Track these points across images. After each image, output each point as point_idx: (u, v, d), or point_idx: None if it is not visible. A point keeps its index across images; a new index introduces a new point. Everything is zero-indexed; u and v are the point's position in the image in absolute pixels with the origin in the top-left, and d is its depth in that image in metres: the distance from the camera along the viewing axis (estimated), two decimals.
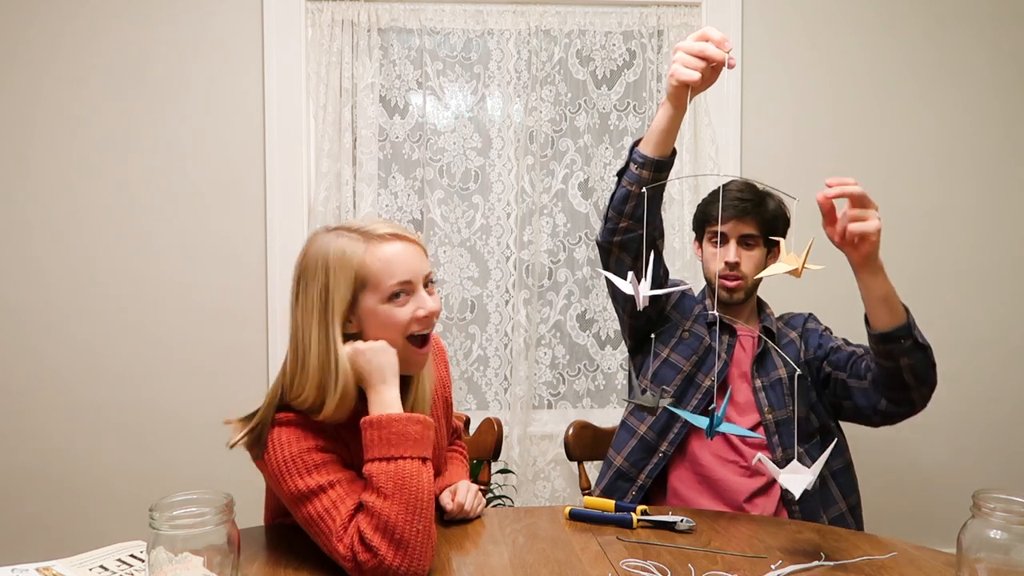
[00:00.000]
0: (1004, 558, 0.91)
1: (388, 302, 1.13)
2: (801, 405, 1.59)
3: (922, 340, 1.37)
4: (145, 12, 2.39)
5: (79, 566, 1.10)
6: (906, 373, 1.38)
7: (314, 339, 1.12)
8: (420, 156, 2.50)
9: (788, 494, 1.54)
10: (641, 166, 1.38)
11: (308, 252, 1.15)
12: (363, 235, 1.13)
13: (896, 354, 1.37)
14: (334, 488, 1.09)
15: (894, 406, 1.47)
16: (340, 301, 1.11)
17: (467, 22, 2.49)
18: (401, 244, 1.14)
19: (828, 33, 2.53)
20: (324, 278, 1.11)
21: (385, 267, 1.12)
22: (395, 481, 1.06)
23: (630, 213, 1.44)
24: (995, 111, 2.59)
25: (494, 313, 2.58)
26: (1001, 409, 2.64)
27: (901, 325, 1.35)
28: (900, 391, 1.43)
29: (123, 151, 2.41)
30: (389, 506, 1.04)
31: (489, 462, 1.86)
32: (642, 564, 1.11)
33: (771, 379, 1.61)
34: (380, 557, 1.03)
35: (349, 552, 1.04)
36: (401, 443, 1.08)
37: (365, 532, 1.04)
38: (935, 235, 2.60)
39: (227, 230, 2.44)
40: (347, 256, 1.11)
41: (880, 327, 1.36)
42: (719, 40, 1.19)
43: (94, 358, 2.44)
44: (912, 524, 2.59)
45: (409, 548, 1.04)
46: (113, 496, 2.44)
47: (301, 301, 1.14)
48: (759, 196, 1.64)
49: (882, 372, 1.42)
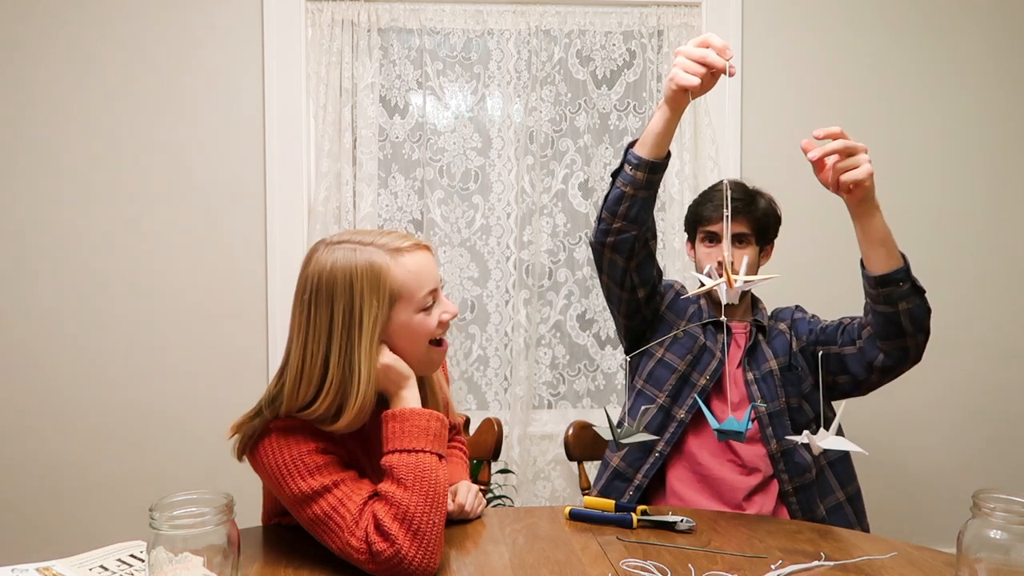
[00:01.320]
0: (1004, 558, 0.91)
1: (419, 312, 1.14)
2: (792, 395, 1.60)
3: (919, 284, 1.39)
4: (145, 12, 2.39)
5: (79, 566, 1.10)
6: (903, 318, 1.39)
7: (333, 356, 1.10)
8: (420, 156, 2.50)
9: (784, 486, 1.55)
10: (635, 167, 1.39)
11: (322, 268, 1.11)
12: (385, 249, 1.12)
13: (895, 298, 1.38)
14: (339, 487, 1.09)
15: (890, 359, 1.47)
16: (372, 318, 1.10)
17: (467, 22, 2.49)
18: (422, 254, 1.15)
19: (828, 33, 2.53)
20: (349, 296, 1.09)
21: (415, 280, 1.12)
22: (415, 473, 1.07)
23: (623, 214, 1.45)
24: (997, 111, 2.59)
25: (494, 313, 2.58)
26: (1001, 409, 2.64)
27: (899, 268, 1.36)
28: (897, 339, 1.43)
29: (123, 151, 2.41)
30: (409, 496, 1.05)
31: (489, 462, 1.86)
32: (642, 564, 1.11)
33: (763, 371, 1.61)
34: (397, 546, 1.03)
35: (363, 544, 1.04)
36: (422, 437, 1.10)
37: (383, 520, 1.04)
38: (936, 235, 2.60)
39: (227, 230, 2.44)
40: (376, 273, 1.10)
41: (878, 270, 1.37)
42: (720, 47, 1.20)
43: (94, 358, 2.44)
44: (912, 524, 2.59)
45: (425, 540, 1.04)
46: (113, 496, 2.44)
47: (315, 319, 1.10)
48: (749, 195, 1.66)
49: (879, 320, 1.42)
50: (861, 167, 1.26)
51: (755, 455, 1.58)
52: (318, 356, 1.10)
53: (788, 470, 1.55)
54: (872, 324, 1.46)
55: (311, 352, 1.10)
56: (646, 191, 1.43)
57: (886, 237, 1.35)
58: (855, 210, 1.34)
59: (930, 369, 2.60)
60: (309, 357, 1.11)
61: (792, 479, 1.55)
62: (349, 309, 1.09)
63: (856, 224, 1.36)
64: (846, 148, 1.26)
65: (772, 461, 1.56)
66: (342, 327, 1.09)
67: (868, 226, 1.34)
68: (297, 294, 1.14)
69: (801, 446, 1.56)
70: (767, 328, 1.67)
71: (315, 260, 1.12)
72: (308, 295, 1.11)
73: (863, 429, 1.68)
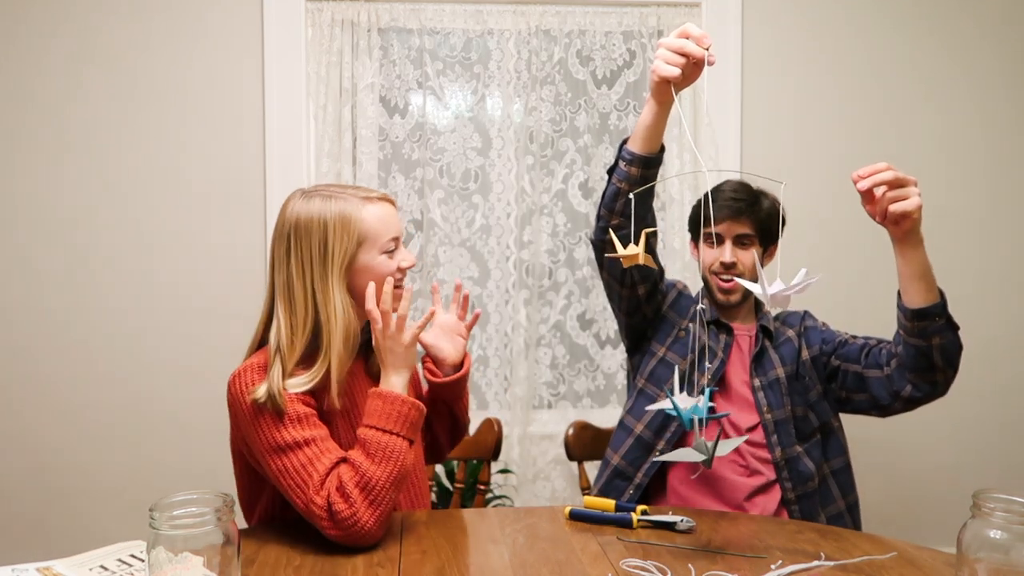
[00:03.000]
0: (1004, 558, 0.91)
1: (382, 254, 1.27)
2: (799, 404, 1.59)
3: (953, 320, 1.40)
4: (145, 12, 2.39)
5: (79, 566, 1.10)
6: (936, 353, 1.40)
7: (309, 287, 1.23)
8: (420, 156, 2.50)
9: (787, 494, 1.55)
10: (629, 163, 1.40)
11: (297, 213, 1.25)
12: (355, 198, 1.26)
13: (929, 333, 1.38)
14: (312, 445, 1.18)
15: (918, 392, 1.47)
16: (341, 255, 1.24)
17: (467, 22, 2.49)
18: (387, 205, 1.30)
19: (828, 32, 2.53)
20: (323, 235, 1.23)
21: (381, 225, 1.27)
22: (385, 452, 1.18)
23: (620, 210, 1.46)
24: (998, 110, 2.58)
25: (494, 313, 2.58)
26: (1001, 409, 2.64)
27: (937, 303, 1.37)
28: (927, 373, 1.44)
29: (122, 151, 2.41)
30: (376, 469, 1.16)
31: (489, 462, 1.86)
32: (642, 564, 1.11)
33: (769, 379, 1.61)
34: (355, 509, 1.13)
35: (325, 503, 1.14)
36: (400, 422, 1.20)
37: (347, 484, 1.14)
38: (936, 235, 2.58)
39: (227, 230, 2.44)
40: (348, 215, 1.24)
41: (916, 303, 1.38)
42: (698, 36, 1.20)
43: (94, 358, 2.44)
44: (912, 524, 2.59)
45: (379, 511, 1.15)
46: (113, 496, 2.44)
47: (296, 256, 1.24)
48: (753, 196, 1.65)
49: (911, 353, 1.43)
50: (912, 198, 1.27)
51: (758, 458, 1.58)
52: (296, 289, 1.24)
53: (792, 478, 1.55)
54: (902, 356, 1.46)
55: (289, 286, 1.24)
56: (641, 186, 1.44)
57: (926, 271, 1.36)
58: (899, 242, 1.35)
59: None
60: (287, 291, 1.24)
61: (795, 487, 1.55)
62: (322, 245, 1.23)
63: (898, 256, 1.37)
64: (896, 180, 1.26)
65: (776, 469, 1.56)
66: (316, 262, 1.23)
67: (911, 258, 1.35)
68: (275, 237, 1.28)
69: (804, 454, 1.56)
70: (773, 333, 1.67)
71: (291, 206, 1.27)
72: (287, 233, 1.25)
73: (863, 428, 1.68)
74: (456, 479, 1.91)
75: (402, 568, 1.11)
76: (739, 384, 1.62)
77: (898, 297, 1.42)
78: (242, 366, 1.25)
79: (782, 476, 1.55)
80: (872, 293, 2.58)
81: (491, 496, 2.44)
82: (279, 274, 1.26)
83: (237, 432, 1.26)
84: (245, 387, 1.20)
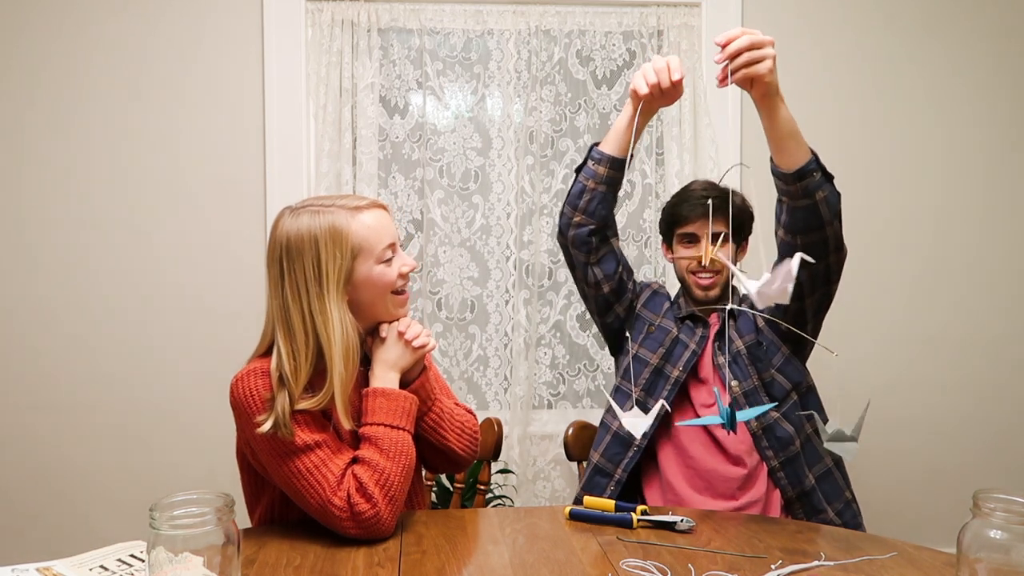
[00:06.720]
0: (1004, 558, 0.91)
1: (379, 264, 1.24)
2: (764, 370, 1.61)
3: (828, 171, 1.41)
4: (145, 12, 2.39)
5: (79, 566, 1.10)
6: (822, 207, 1.41)
7: (306, 308, 1.20)
8: (420, 156, 2.50)
9: (770, 462, 1.57)
10: (598, 162, 1.48)
11: (287, 233, 1.21)
12: (345, 209, 1.22)
13: (812, 189, 1.39)
14: (322, 447, 1.18)
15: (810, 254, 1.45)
16: (337, 272, 1.20)
17: (467, 22, 2.49)
18: (379, 212, 1.26)
19: (828, 33, 2.53)
20: (315, 253, 1.19)
21: (374, 234, 1.23)
22: (396, 447, 1.20)
23: (583, 208, 1.53)
24: (998, 110, 2.58)
25: (494, 313, 2.58)
26: (1001, 409, 2.64)
27: (812, 159, 1.38)
28: (817, 231, 1.43)
29: (123, 151, 2.41)
30: (391, 466, 1.18)
31: (489, 462, 1.86)
32: (642, 564, 1.11)
33: (732, 353, 1.63)
34: (378, 508, 1.15)
35: (345, 503, 1.15)
36: (402, 416, 1.23)
37: (366, 484, 1.15)
38: (937, 235, 2.60)
39: (227, 230, 2.44)
40: (338, 229, 1.20)
41: (795, 164, 1.38)
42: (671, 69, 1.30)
43: (94, 358, 2.44)
44: (912, 524, 2.59)
45: (395, 506, 1.18)
46: (113, 496, 2.44)
47: (290, 281, 1.21)
48: (724, 192, 1.67)
49: (799, 215, 1.42)
50: (763, 63, 1.28)
51: (737, 442, 1.59)
52: (293, 315, 1.20)
53: (772, 445, 1.57)
54: (788, 224, 1.45)
55: (286, 312, 1.21)
56: (606, 186, 1.52)
57: (794, 130, 1.37)
58: (762, 104, 1.36)
59: (930, 368, 2.62)
60: (285, 318, 1.21)
61: (777, 454, 1.57)
62: (316, 265, 1.20)
63: (764, 119, 1.37)
64: (751, 44, 1.27)
65: (755, 440, 1.58)
66: (311, 283, 1.20)
67: (776, 117, 1.36)
68: (268, 261, 1.24)
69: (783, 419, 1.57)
70: (736, 314, 1.69)
71: (281, 225, 1.23)
72: (279, 257, 1.22)
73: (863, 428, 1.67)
74: (456, 479, 1.91)
75: (402, 568, 1.11)
76: (710, 369, 1.65)
77: (771, 164, 1.41)
78: (245, 370, 1.24)
79: (762, 446, 1.57)
80: (872, 292, 2.58)
81: (491, 496, 2.44)
82: (275, 299, 1.23)
83: (241, 434, 1.26)
84: (248, 391, 1.20)
